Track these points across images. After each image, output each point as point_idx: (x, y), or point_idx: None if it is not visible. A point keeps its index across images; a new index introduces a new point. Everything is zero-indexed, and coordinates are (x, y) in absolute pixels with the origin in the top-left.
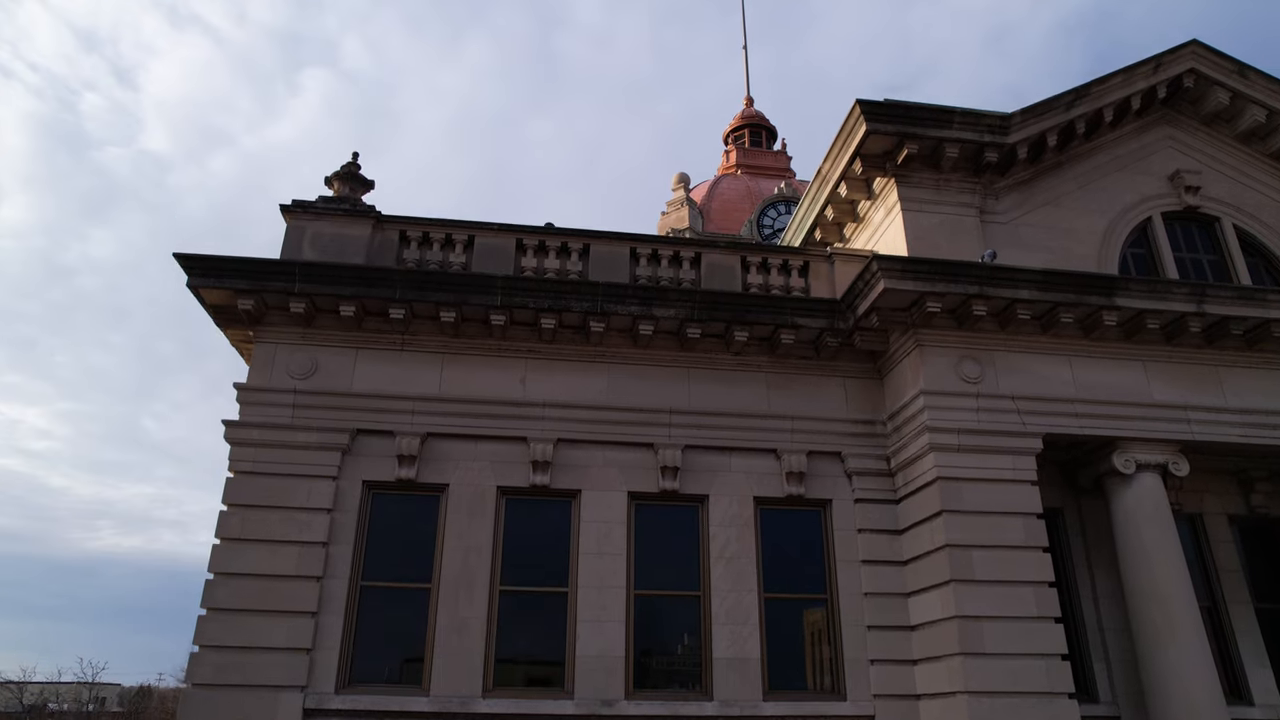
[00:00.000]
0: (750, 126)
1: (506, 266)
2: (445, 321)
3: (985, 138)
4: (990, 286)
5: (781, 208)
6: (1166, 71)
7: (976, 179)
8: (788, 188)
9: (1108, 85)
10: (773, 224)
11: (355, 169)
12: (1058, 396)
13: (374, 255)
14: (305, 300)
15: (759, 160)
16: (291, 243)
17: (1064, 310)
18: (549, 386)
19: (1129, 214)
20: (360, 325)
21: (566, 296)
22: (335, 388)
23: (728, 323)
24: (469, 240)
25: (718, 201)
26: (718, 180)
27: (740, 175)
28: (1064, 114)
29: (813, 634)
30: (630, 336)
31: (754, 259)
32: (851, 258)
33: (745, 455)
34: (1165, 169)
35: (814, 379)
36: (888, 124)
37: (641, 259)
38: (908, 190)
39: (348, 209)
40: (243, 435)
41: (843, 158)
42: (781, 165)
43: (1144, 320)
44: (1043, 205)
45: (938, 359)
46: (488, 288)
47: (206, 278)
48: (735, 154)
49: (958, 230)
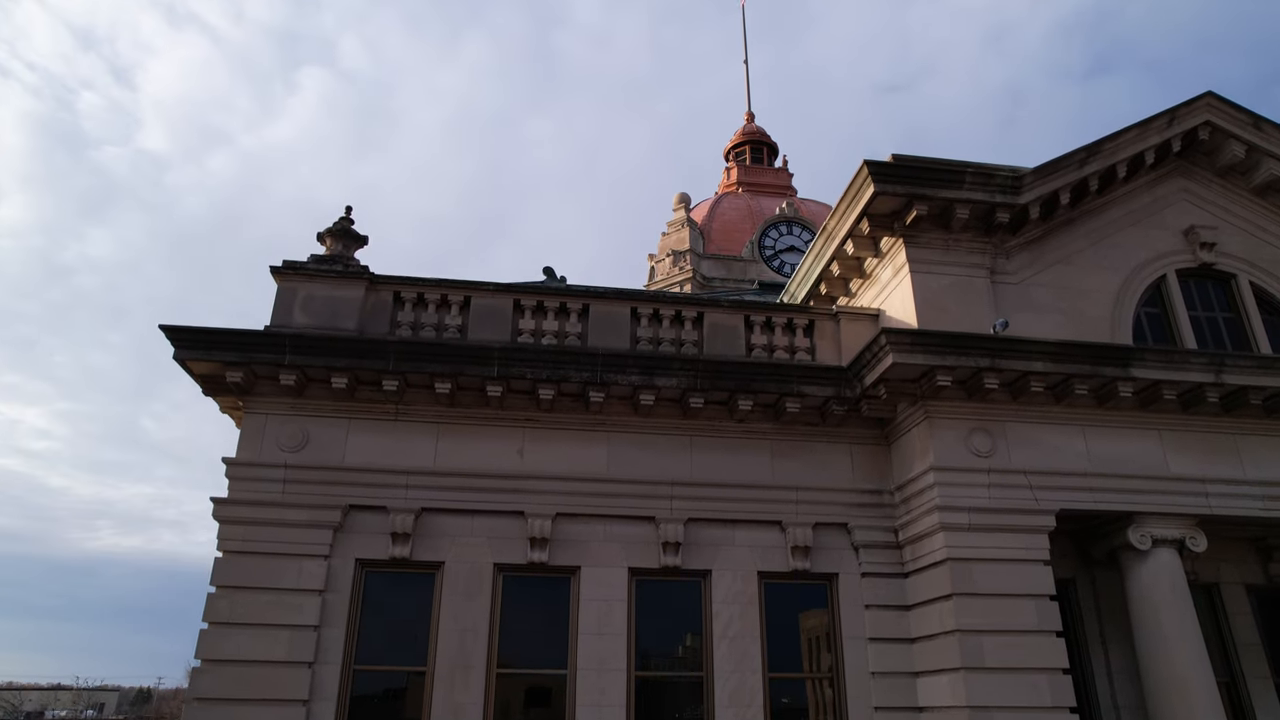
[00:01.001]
0: (751, 143)
1: (504, 328)
2: (441, 392)
3: (996, 198)
4: (1002, 359)
5: (783, 228)
6: (1181, 124)
7: (987, 238)
8: (789, 208)
9: (1121, 141)
10: (774, 244)
11: (348, 224)
12: (1071, 470)
13: (367, 318)
14: (296, 372)
15: (760, 178)
16: (282, 305)
17: (1078, 382)
18: (548, 457)
19: (1143, 272)
20: (353, 395)
21: (565, 366)
22: (327, 461)
23: (731, 392)
24: (465, 301)
25: (719, 222)
26: (718, 199)
27: (741, 194)
28: (1077, 171)
29: (819, 715)
30: (631, 404)
31: (757, 318)
32: (858, 316)
33: (749, 528)
34: (1180, 223)
35: (820, 445)
36: (896, 185)
37: (642, 319)
38: (916, 251)
39: (340, 270)
40: (232, 513)
41: (849, 216)
42: (783, 183)
43: (1160, 390)
44: (1055, 264)
45: (947, 431)
46: (484, 358)
47: (194, 350)
48: (736, 171)
49: (968, 292)
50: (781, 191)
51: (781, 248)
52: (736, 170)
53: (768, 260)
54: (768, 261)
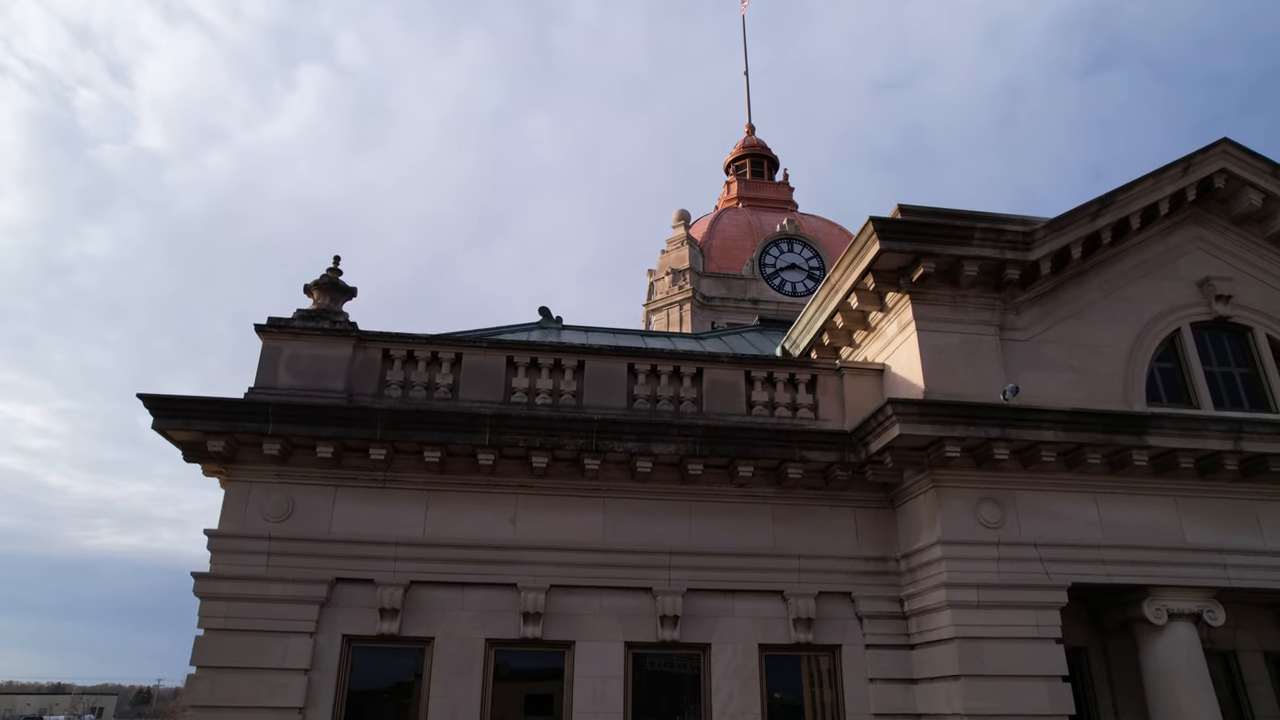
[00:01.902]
0: (751, 156)
1: (497, 386)
2: (430, 461)
3: (1006, 255)
4: (1012, 428)
5: (784, 245)
6: (1197, 173)
7: (996, 294)
8: (790, 225)
9: (1134, 192)
10: (774, 262)
11: (336, 276)
12: (1083, 542)
13: (355, 377)
14: (280, 441)
15: (761, 192)
16: (267, 365)
17: (1091, 450)
18: (541, 525)
19: (1157, 325)
20: (339, 463)
21: (559, 433)
22: (313, 532)
23: (731, 458)
24: (456, 358)
25: (719, 239)
26: (718, 216)
27: (741, 209)
28: (1089, 225)
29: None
30: (628, 469)
31: (758, 374)
32: (862, 371)
33: (750, 598)
34: (1194, 274)
35: (823, 510)
36: (903, 242)
37: (640, 375)
38: (923, 308)
39: (326, 328)
40: (213, 589)
41: (854, 271)
42: (784, 197)
43: (1176, 458)
44: (1066, 319)
45: (955, 501)
46: (475, 425)
47: (174, 419)
48: (736, 185)
49: (976, 351)
50: (782, 206)
51: (782, 265)
52: (737, 184)
53: (768, 278)
54: (768, 280)
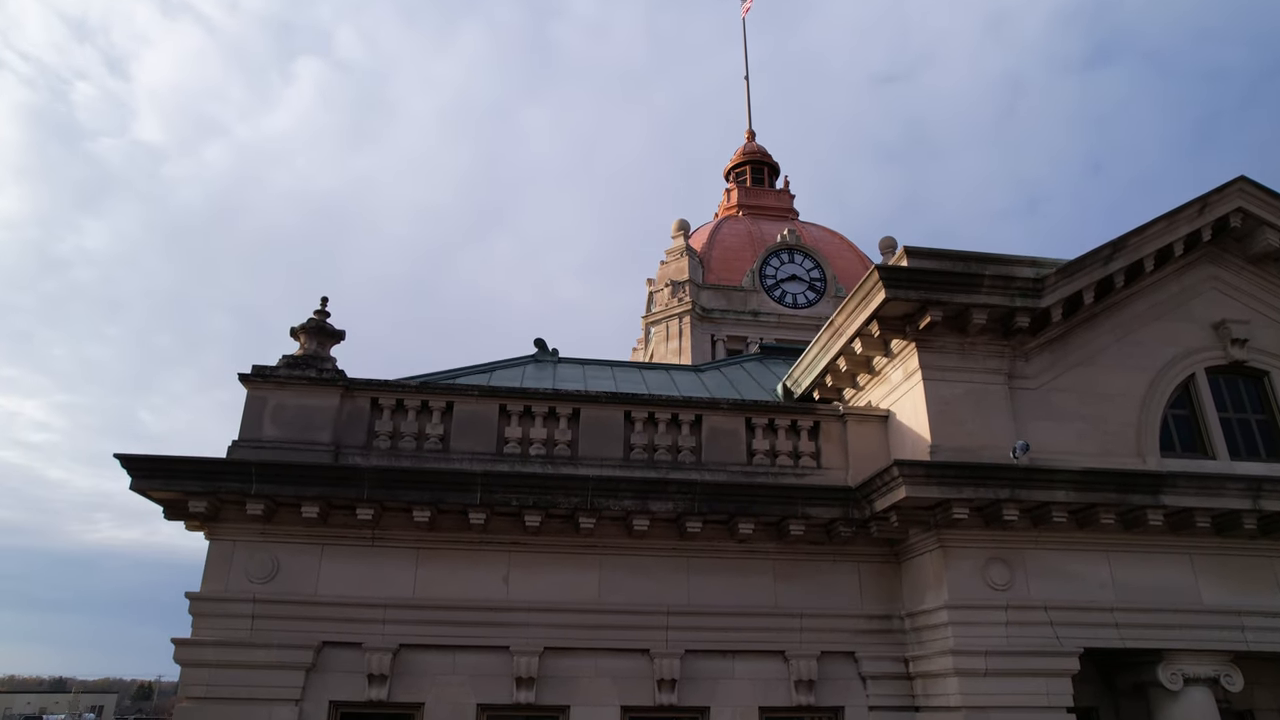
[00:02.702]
0: (752, 163)
1: (489, 436)
2: (420, 520)
3: (1017, 302)
4: (1023, 488)
5: (784, 256)
6: (1213, 212)
7: (1005, 341)
8: (791, 235)
9: (1148, 234)
10: (775, 273)
11: (323, 320)
12: (1095, 604)
13: (343, 428)
14: (264, 501)
15: (761, 200)
16: (252, 415)
17: (1104, 510)
18: (535, 585)
19: (1170, 371)
20: (326, 521)
21: (553, 492)
22: (299, 593)
23: (731, 515)
24: (447, 407)
25: (718, 250)
26: (718, 225)
27: (742, 217)
28: (1102, 269)
29: None
30: (624, 526)
31: (759, 420)
32: (866, 418)
33: (750, 659)
34: (1209, 316)
35: (826, 564)
36: (909, 290)
37: (637, 423)
38: (930, 356)
39: (313, 377)
40: (195, 655)
41: (858, 317)
42: (784, 205)
43: (1193, 517)
44: (1077, 365)
45: (962, 562)
46: (466, 484)
47: (153, 479)
48: (736, 193)
49: (984, 400)
50: (783, 215)
51: (783, 276)
52: (737, 192)
53: (769, 289)
54: (769, 291)
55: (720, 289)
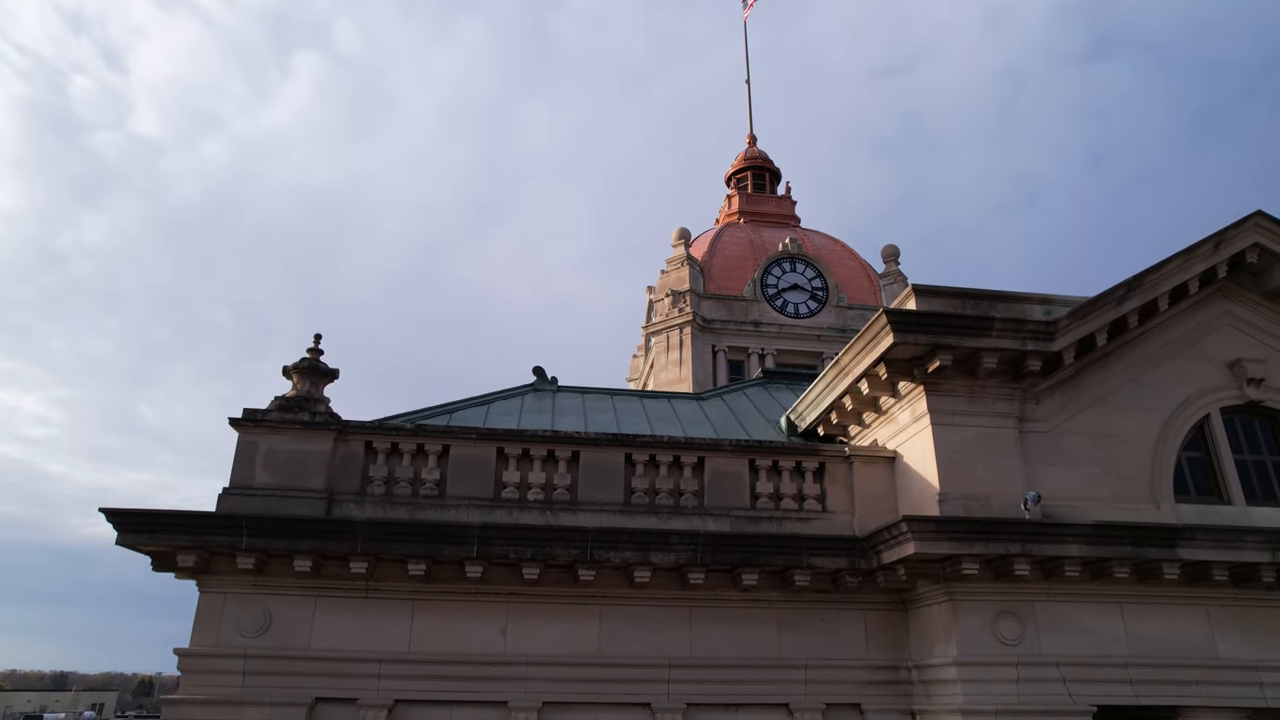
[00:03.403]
0: (753, 169)
1: (486, 480)
2: (415, 574)
3: (1028, 346)
4: (1034, 543)
5: (786, 265)
6: (1228, 249)
7: (1016, 383)
8: (793, 244)
9: (1163, 273)
10: (776, 282)
11: (316, 359)
12: (1109, 659)
13: (336, 473)
14: (255, 554)
15: (762, 207)
16: (243, 461)
17: (1118, 564)
18: (533, 637)
19: (1185, 412)
20: (319, 573)
21: (552, 544)
22: (292, 646)
23: (734, 565)
24: (443, 450)
25: (719, 258)
26: (719, 233)
27: (743, 224)
28: (1115, 309)
29: None
30: (625, 575)
31: (763, 462)
32: (872, 459)
33: (754, 711)
34: (1224, 354)
35: (831, 612)
36: (918, 334)
37: (638, 466)
38: (938, 400)
39: (306, 420)
40: (185, 715)
41: (865, 358)
42: (786, 212)
43: (1210, 570)
44: (1088, 407)
45: (972, 616)
46: (462, 537)
47: (139, 534)
48: (737, 199)
49: (993, 445)
50: (784, 221)
51: (784, 286)
52: (738, 198)
53: (770, 299)
54: (770, 300)
55: (721, 299)
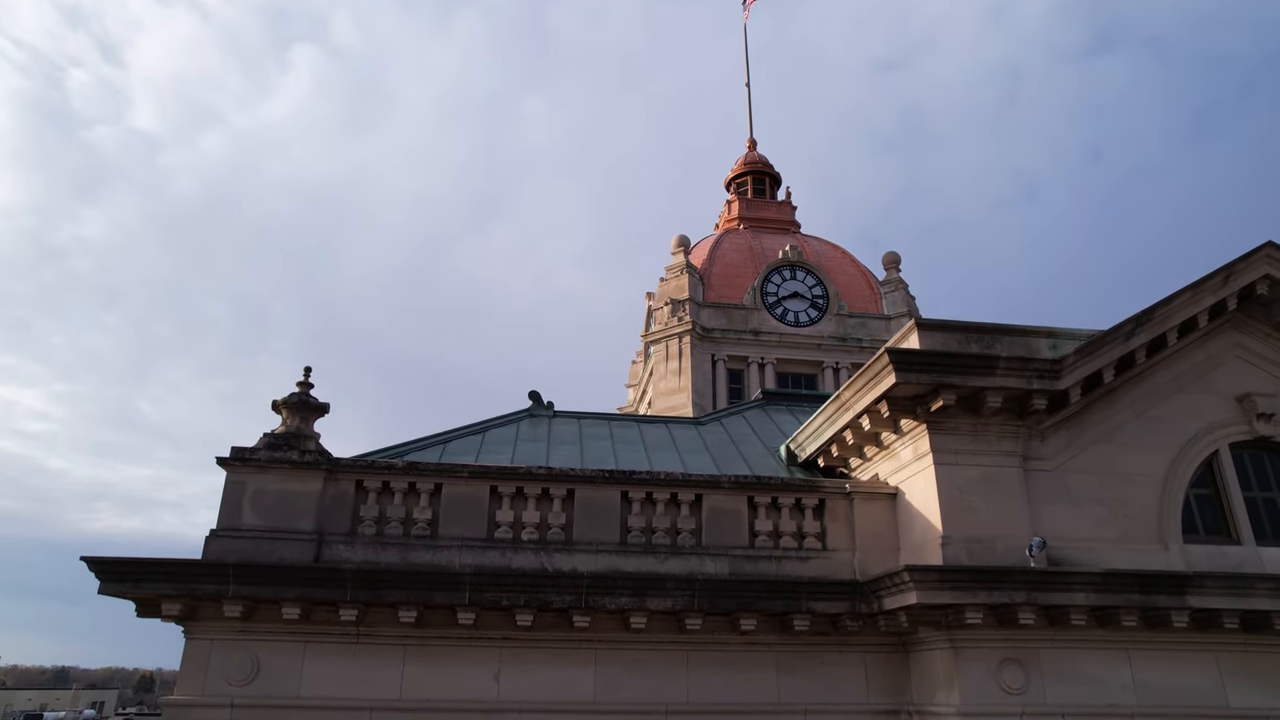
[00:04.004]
0: (753, 174)
1: (479, 519)
2: (406, 621)
3: (1034, 384)
4: (1040, 591)
5: (786, 273)
6: (1238, 281)
7: (1020, 421)
8: (793, 251)
9: (1171, 307)
10: (776, 291)
11: (305, 394)
12: (1115, 708)
13: (326, 514)
14: (242, 602)
15: (762, 212)
16: (231, 502)
17: (1125, 612)
18: (528, 682)
19: (1193, 448)
20: (308, 618)
21: (546, 590)
22: (281, 695)
23: (733, 610)
24: (435, 489)
25: (719, 265)
26: (719, 240)
27: (743, 231)
28: (1123, 345)
29: None
30: (621, 620)
31: (762, 499)
32: (873, 495)
33: None
34: (1233, 387)
35: (831, 655)
36: (920, 374)
37: (634, 504)
38: (941, 439)
39: (295, 460)
40: None
41: (867, 395)
42: (786, 217)
43: (1220, 618)
44: (1095, 443)
45: (975, 663)
46: (454, 584)
47: (122, 583)
48: (737, 205)
49: (997, 485)
50: (785, 227)
51: (785, 294)
52: (738, 204)
53: (770, 308)
54: (770, 309)
55: (721, 307)
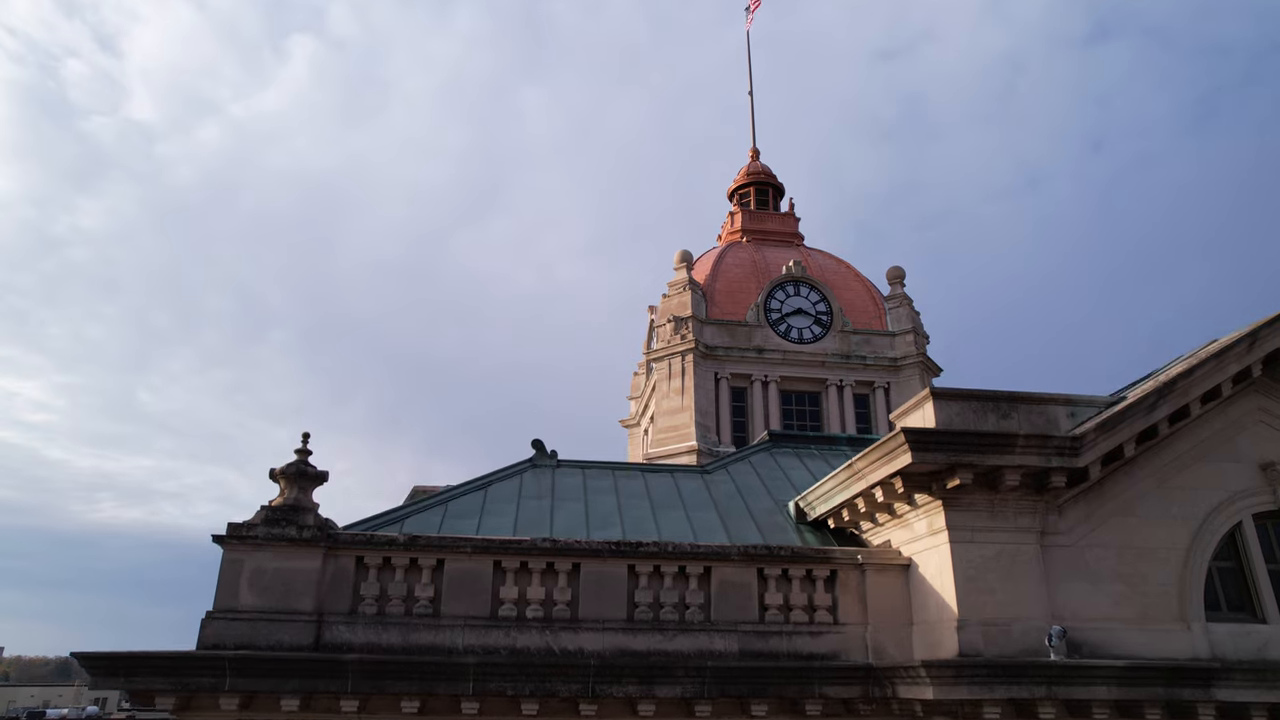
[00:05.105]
0: (756, 184)
1: (483, 597)
2: (409, 711)
3: (1052, 462)
4: (1061, 686)
5: (790, 289)
6: (1263, 347)
7: (1039, 495)
8: (797, 266)
9: (1195, 377)
10: (780, 307)
11: (304, 462)
12: None
13: (326, 592)
14: (239, 695)
15: (766, 224)
16: (228, 582)
17: (1149, 705)
18: None
19: (1215, 520)
20: (308, 707)
21: (551, 679)
22: None
23: (744, 696)
24: (438, 564)
25: (722, 281)
26: (722, 254)
27: (746, 244)
28: (1145, 418)
29: None
30: (628, 705)
31: (772, 571)
32: (886, 567)
33: None
34: (1257, 454)
35: None
36: (937, 453)
37: (641, 577)
38: (957, 515)
39: (293, 536)
40: None
41: (881, 468)
42: (790, 229)
43: (1248, 711)
44: (1114, 515)
45: None
46: (457, 674)
47: (114, 677)
48: (740, 217)
49: (1015, 563)
50: (788, 240)
51: (788, 310)
52: (741, 216)
53: (774, 324)
54: (774, 326)
55: (724, 325)
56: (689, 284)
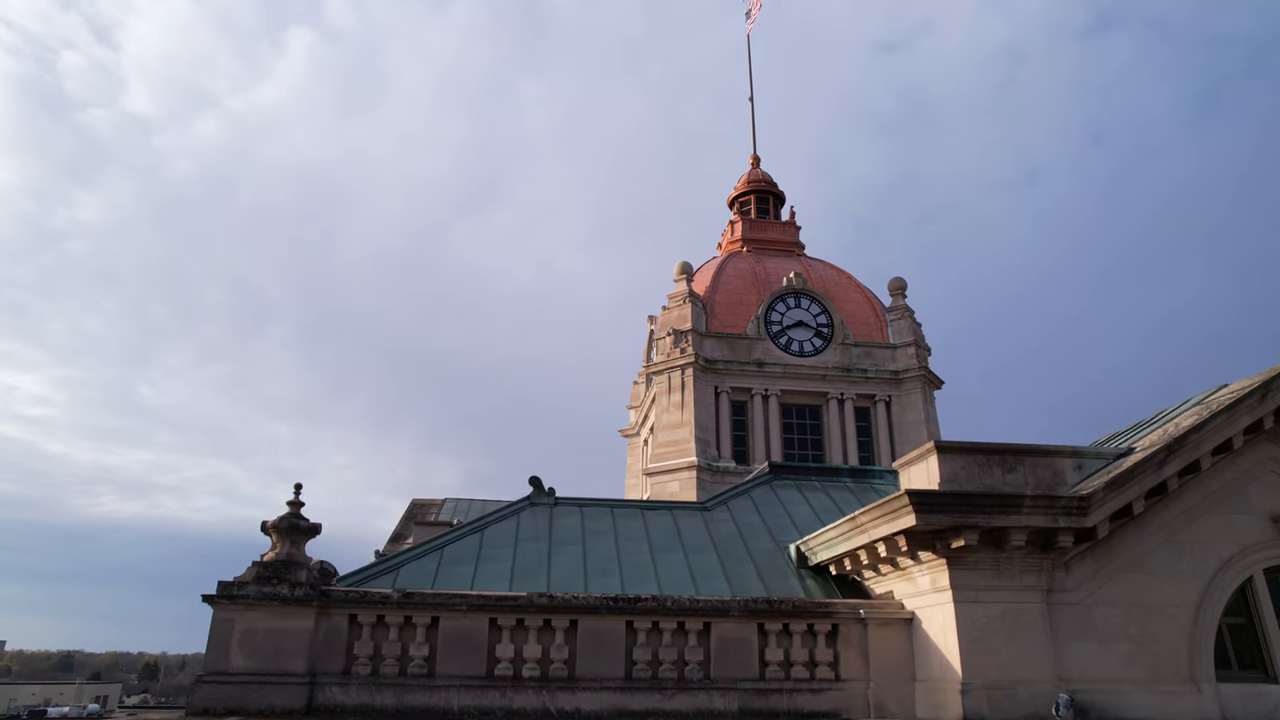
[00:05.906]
0: (757, 193)
1: (479, 655)
2: None
3: (1060, 522)
4: None
5: (791, 300)
6: (1275, 399)
7: (1045, 553)
8: (798, 278)
9: (1205, 431)
10: (780, 319)
11: (296, 514)
12: None
13: (319, 652)
14: None
15: (766, 234)
16: (218, 643)
17: None
18: None
19: (1225, 575)
20: None
21: None
22: None
23: None
24: (433, 622)
25: (722, 293)
26: (722, 265)
27: (746, 254)
28: (1155, 474)
29: None
30: None
31: (773, 626)
32: (888, 622)
33: None
34: (1268, 506)
35: None
36: (941, 515)
37: (639, 633)
38: (961, 575)
39: (285, 595)
40: None
41: (885, 526)
42: (790, 238)
43: None
44: (1122, 571)
45: None
46: None
47: None
48: (741, 226)
49: (1020, 623)
50: (789, 249)
51: (789, 323)
52: (741, 225)
53: (774, 337)
54: (774, 338)
55: (724, 337)
56: (689, 296)
